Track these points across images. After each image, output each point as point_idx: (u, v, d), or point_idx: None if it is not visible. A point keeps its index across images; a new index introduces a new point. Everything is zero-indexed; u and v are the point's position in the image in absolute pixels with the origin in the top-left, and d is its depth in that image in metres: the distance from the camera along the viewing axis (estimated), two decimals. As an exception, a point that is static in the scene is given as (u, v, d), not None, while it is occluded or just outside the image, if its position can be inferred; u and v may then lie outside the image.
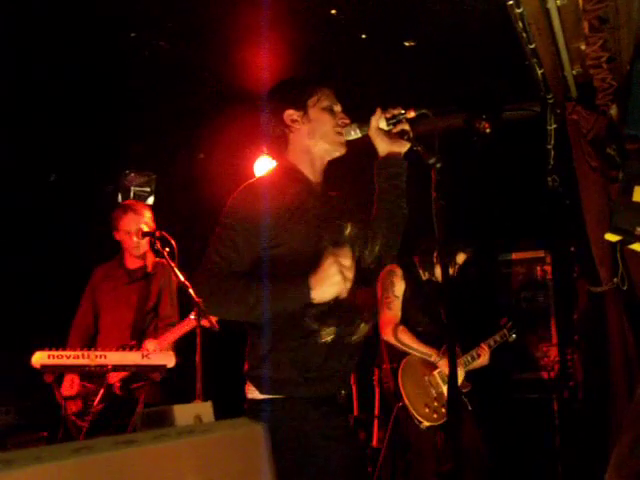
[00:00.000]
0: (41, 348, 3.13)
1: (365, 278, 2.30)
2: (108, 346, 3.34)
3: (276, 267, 2.09)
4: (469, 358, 4.13)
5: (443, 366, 4.00)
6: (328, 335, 2.10)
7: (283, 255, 2.11)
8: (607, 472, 2.86)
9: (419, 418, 3.89)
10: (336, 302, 2.08)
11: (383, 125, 2.21)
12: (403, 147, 2.27)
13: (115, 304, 3.97)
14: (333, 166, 2.41)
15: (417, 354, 4.02)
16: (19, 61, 3.99)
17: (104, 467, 0.80)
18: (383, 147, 2.29)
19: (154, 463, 0.88)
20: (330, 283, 2.00)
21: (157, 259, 4.09)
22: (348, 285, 2.03)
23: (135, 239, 3.97)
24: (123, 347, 3.49)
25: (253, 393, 2.16)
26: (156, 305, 4.00)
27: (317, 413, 2.12)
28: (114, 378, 3.65)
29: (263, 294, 2.01)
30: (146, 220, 4.02)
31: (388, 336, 4.04)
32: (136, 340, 3.77)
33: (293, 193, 2.20)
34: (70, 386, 3.71)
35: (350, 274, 2.03)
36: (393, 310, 4.10)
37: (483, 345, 4.21)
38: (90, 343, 3.82)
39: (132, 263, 4.07)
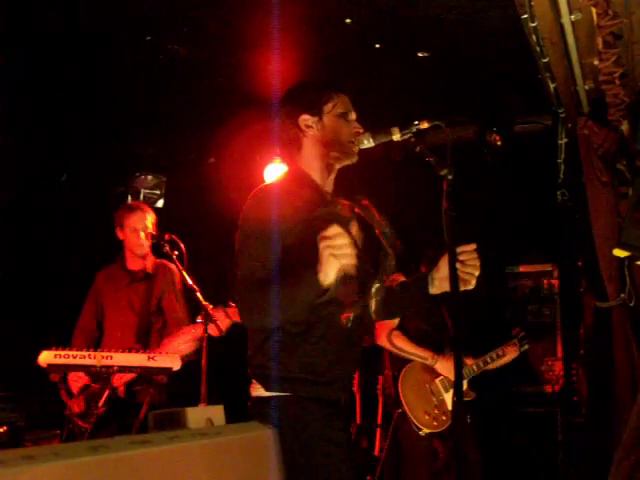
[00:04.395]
0: (48, 347, 3.12)
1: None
2: (112, 348, 3.33)
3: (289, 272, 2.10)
4: (494, 356, 4.10)
5: (440, 368, 3.99)
6: (348, 320, 2.10)
7: (295, 261, 2.11)
8: None
9: (418, 425, 3.88)
10: (347, 281, 2.06)
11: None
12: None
13: (117, 305, 3.93)
14: (343, 174, 2.43)
15: (413, 358, 4.02)
16: (33, 62, 4.02)
17: (120, 465, 0.81)
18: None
19: (168, 463, 0.89)
20: (329, 266, 1.91)
21: (158, 260, 4.05)
22: (351, 261, 1.93)
23: (142, 237, 3.93)
24: (129, 349, 3.43)
25: (258, 391, 2.17)
26: (158, 306, 3.95)
27: (321, 413, 2.13)
28: (119, 381, 3.62)
29: (283, 294, 2.00)
30: (152, 222, 4.01)
31: (383, 341, 4.04)
32: (141, 342, 3.73)
33: (304, 200, 2.22)
34: (76, 380, 3.66)
35: (348, 250, 1.90)
36: None
37: (510, 343, 4.17)
38: (95, 346, 3.75)
39: (133, 264, 4.01)
